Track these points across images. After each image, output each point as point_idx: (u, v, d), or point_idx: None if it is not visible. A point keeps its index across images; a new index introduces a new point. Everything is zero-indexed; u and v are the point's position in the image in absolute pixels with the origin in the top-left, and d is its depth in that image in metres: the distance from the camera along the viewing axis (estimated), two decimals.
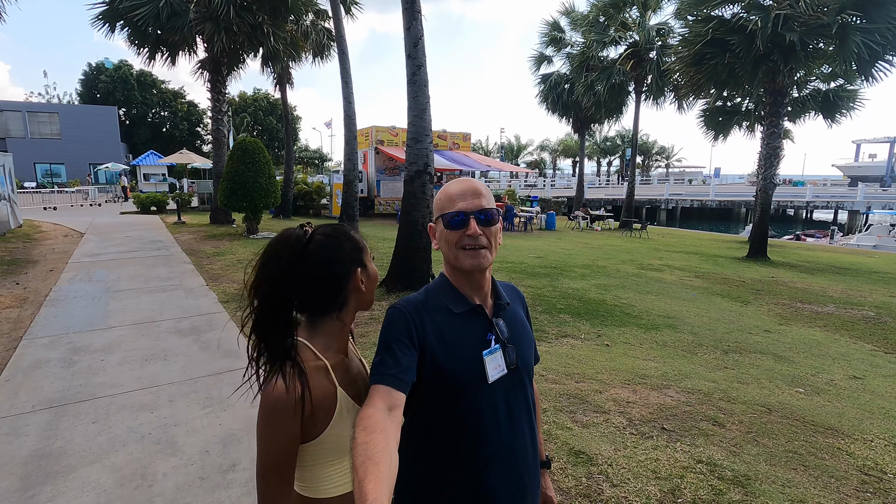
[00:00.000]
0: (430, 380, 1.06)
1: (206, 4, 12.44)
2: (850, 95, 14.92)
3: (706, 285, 8.61)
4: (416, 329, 1.05)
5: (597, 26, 19.70)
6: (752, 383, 4.15)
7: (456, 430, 1.08)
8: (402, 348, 1.02)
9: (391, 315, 1.08)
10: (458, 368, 1.07)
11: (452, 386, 1.07)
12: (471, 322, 1.12)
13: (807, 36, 10.16)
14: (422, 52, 6.38)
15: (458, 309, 1.12)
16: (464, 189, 1.11)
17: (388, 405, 0.92)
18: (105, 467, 2.71)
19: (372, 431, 0.85)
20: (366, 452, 0.81)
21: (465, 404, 1.07)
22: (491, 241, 1.10)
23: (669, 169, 68.86)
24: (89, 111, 36.94)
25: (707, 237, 18.99)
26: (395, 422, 0.90)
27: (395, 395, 0.94)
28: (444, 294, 1.14)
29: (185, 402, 3.48)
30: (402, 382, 0.97)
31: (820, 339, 5.68)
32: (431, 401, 1.08)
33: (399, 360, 0.99)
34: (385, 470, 0.79)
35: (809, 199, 32.04)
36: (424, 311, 1.09)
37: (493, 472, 1.09)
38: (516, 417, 1.14)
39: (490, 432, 1.09)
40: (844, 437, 3.23)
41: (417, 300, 1.12)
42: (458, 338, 1.09)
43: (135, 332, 4.95)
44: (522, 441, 1.14)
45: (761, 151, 12.54)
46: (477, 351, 1.09)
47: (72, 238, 11.59)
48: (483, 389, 1.08)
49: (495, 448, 1.09)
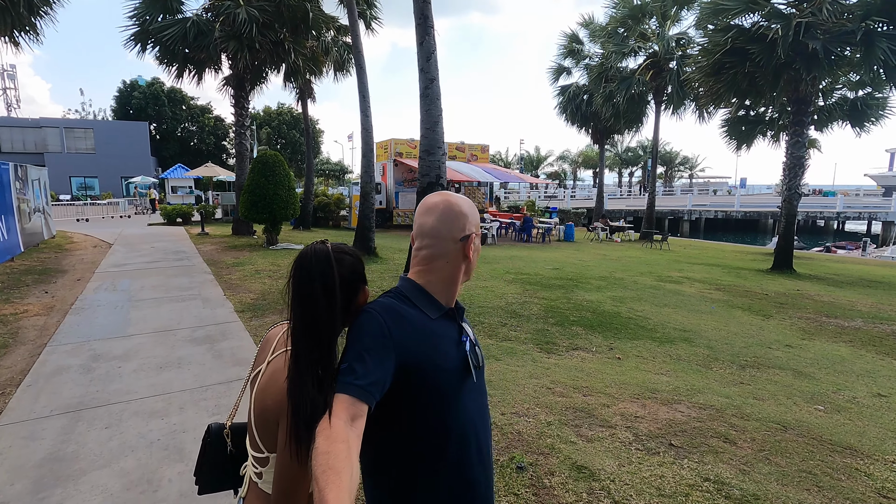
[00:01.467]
0: (413, 385, 1.04)
1: (231, 23, 12.87)
2: (879, 103, 14.48)
3: (727, 298, 8.40)
4: (393, 335, 1.02)
5: (615, 37, 19.65)
6: (769, 399, 4.03)
7: (445, 430, 1.09)
8: (374, 358, 0.98)
9: (364, 319, 1.04)
10: (445, 371, 1.08)
11: (438, 388, 1.07)
12: (446, 325, 1.14)
13: (830, 44, 9.93)
14: (434, 66, 6.46)
15: (435, 314, 1.13)
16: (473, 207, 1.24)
17: (350, 415, 0.90)
18: (114, 472, 2.78)
19: (334, 441, 0.84)
20: (327, 462, 0.81)
21: (451, 405, 1.09)
22: None
23: (693, 179, 67.65)
24: (122, 127, 38.42)
25: (731, 249, 18.54)
26: (356, 432, 0.89)
27: (359, 406, 0.92)
28: (418, 299, 1.13)
29: (194, 410, 3.55)
30: (368, 394, 0.94)
31: (844, 355, 5.48)
32: (417, 405, 1.07)
33: (369, 371, 0.96)
34: (347, 479, 0.79)
35: (840, 209, 31.01)
36: (400, 317, 1.06)
37: (474, 467, 1.13)
38: (483, 413, 1.20)
39: (470, 429, 1.13)
40: (864, 458, 3.10)
41: (391, 304, 1.09)
42: (439, 342, 1.10)
43: (152, 340, 5.09)
44: (487, 434, 1.21)
45: (785, 161, 12.23)
46: (458, 353, 1.12)
47: (100, 249, 12.01)
48: (465, 390, 1.11)
49: (475, 444, 1.14)
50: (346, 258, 1.09)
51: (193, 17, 13.65)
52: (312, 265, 1.03)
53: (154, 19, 13.65)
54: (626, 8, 19.03)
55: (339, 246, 1.10)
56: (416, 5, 6.34)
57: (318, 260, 1.03)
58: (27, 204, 11.07)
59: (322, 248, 1.06)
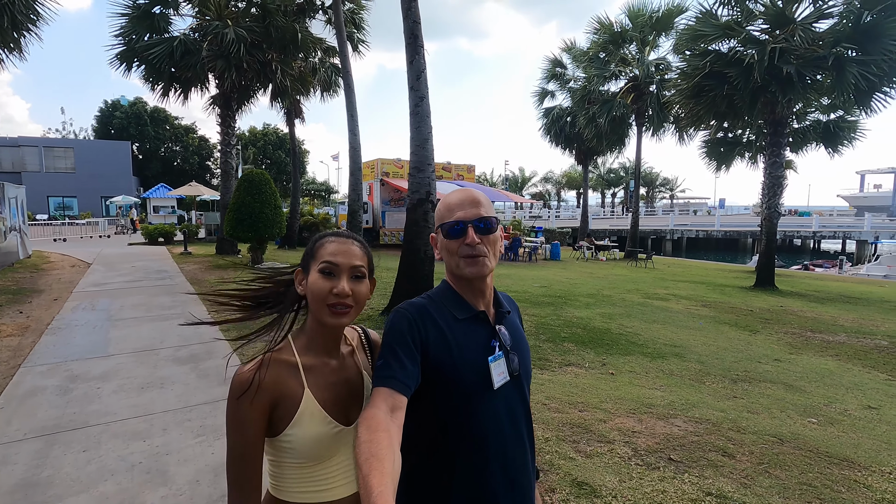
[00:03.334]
0: (434, 385, 1.05)
1: (218, 43, 12.90)
2: (851, 126, 15.07)
3: (713, 314, 8.48)
4: (420, 332, 1.05)
5: (596, 62, 20.20)
6: (763, 413, 4.02)
7: (460, 436, 1.07)
8: (405, 352, 1.01)
9: (394, 318, 1.08)
10: (463, 374, 1.07)
11: (456, 391, 1.07)
12: (475, 328, 1.12)
13: (803, 68, 10.34)
14: (424, 85, 6.53)
15: (462, 315, 1.12)
16: (462, 199, 1.14)
17: (389, 406, 0.92)
18: (92, 497, 2.62)
19: (375, 430, 0.86)
20: (369, 450, 0.82)
21: (469, 410, 1.07)
22: (490, 248, 1.11)
23: (674, 200, 69.16)
24: (103, 146, 37.94)
25: (714, 267, 18.85)
26: (396, 423, 0.91)
27: (397, 397, 0.95)
28: (447, 300, 1.14)
29: (178, 431, 3.40)
30: (404, 385, 0.97)
31: (832, 369, 5.53)
32: (436, 406, 1.07)
33: (403, 364, 0.99)
34: (389, 465, 0.80)
35: (816, 228, 31.92)
36: (428, 316, 1.09)
37: (496, 479, 1.09)
38: (517, 424, 1.14)
39: (493, 439, 1.09)
40: (861, 469, 3.09)
41: (421, 304, 1.12)
42: (463, 343, 1.09)
43: (133, 360, 4.91)
44: (522, 449, 1.15)
45: (764, 181, 12.57)
46: (481, 357, 1.09)
47: (79, 268, 11.69)
48: (487, 396, 1.08)
49: (498, 455, 1.09)
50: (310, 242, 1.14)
51: (181, 36, 13.64)
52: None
53: (141, 38, 13.63)
54: (607, 34, 19.61)
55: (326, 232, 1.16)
56: (406, 25, 6.43)
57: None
58: (3, 222, 10.76)
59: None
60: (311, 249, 1.09)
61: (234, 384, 0.99)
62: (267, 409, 0.99)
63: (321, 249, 1.07)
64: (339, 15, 11.24)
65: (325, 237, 1.10)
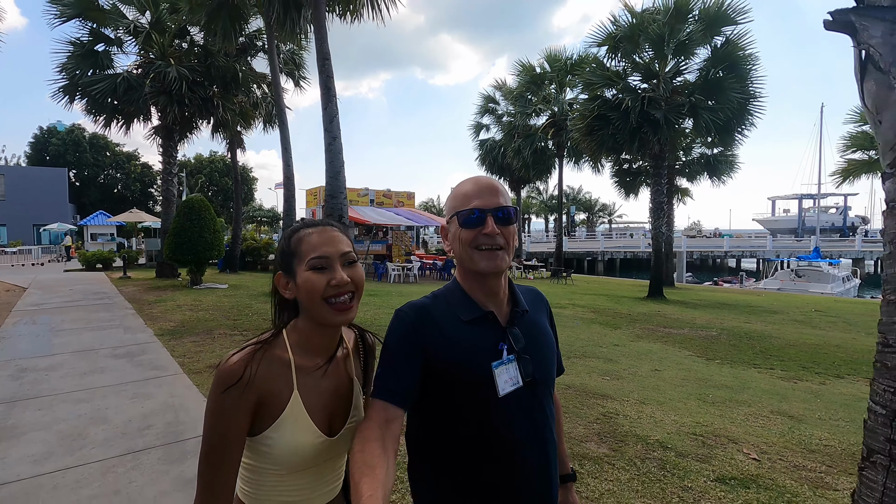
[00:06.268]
0: (439, 392, 1.02)
1: (161, 80, 13.84)
2: (727, 160, 17.75)
3: (595, 317, 10.08)
4: (419, 337, 1.01)
5: (521, 100, 22.50)
6: (572, 374, 5.45)
7: (472, 448, 1.02)
8: (401, 361, 1.00)
9: (393, 322, 1.06)
10: (464, 381, 1.01)
11: (461, 399, 1.01)
12: (481, 331, 1.05)
13: (669, 113, 12.54)
14: (336, 127, 7.89)
15: (467, 316, 1.05)
16: (480, 186, 1.06)
17: (384, 419, 0.93)
18: (51, 432, 3.63)
19: (368, 441, 0.88)
20: (362, 459, 0.85)
21: (478, 420, 1.01)
22: (508, 241, 1.05)
23: (613, 224, 73.73)
24: (37, 173, 36.96)
25: (628, 283, 20.96)
26: (392, 434, 0.92)
27: (392, 409, 0.95)
28: (453, 299, 1.09)
29: (116, 397, 4.41)
30: (399, 397, 0.96)
31: (654, 350, 7.12)
32: (441, 416, 1.04)
33: (398, 374, 0.98)
34: (381, 473, 0.81)
35: (727, 248, 35.65)
36: (429, 318, 1.04)
37: (511, 493, 1.03)
38: (539, 433, 1.06)
39: (508, 452, 1.02)
40: (610, 400, 4.52)
41: (423, 305, 1.08)
42: (466, 347, 1.02)
43: (76, 357, 5.79)
44: (545, 460, 1.07)
45: (651, 206, 14.70)
46: (486, 362, 1.02)
47: (14, 292, 12.01)
48: (494, 404, 1.01)
49: (521, 467, 1.03)
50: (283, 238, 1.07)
51: (124, 73, 14.50)
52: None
53: (84, 73, 14.35)
54: (529, 76, 22.00)
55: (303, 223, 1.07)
56: (321, 79, 7.81)
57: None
58: None
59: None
60: (291, 247, 1.00)
61: (220, 375, 0.91)
62: (254, 406, 0.93)
63: (303, 245, 0.98)
64: (274, 59, 12.55)
65: (302, 230, 1.02)
